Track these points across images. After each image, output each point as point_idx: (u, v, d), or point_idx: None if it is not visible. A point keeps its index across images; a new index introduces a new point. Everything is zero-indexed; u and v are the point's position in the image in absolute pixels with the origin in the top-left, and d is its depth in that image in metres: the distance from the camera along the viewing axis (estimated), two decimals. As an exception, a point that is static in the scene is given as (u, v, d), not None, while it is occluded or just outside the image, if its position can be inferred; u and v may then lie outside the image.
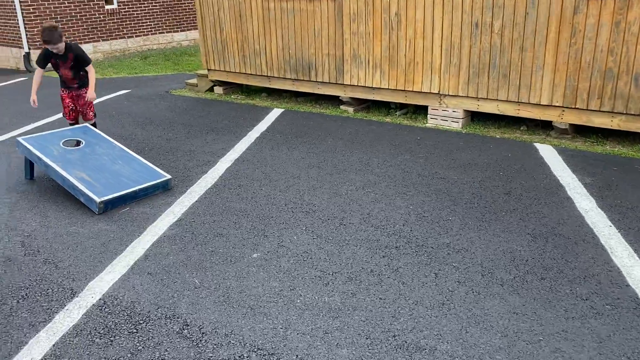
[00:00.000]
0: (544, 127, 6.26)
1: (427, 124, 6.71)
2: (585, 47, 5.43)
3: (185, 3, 15.24)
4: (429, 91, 6.63)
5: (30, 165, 5.19)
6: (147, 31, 14.55)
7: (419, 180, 4.81)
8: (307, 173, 5.12)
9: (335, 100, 7.96)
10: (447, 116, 6.58)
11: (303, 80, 7.80)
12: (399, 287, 3.20)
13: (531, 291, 3.10)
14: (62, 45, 5.31)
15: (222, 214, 4.31)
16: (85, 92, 5.65)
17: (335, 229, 3.98)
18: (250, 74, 8.40)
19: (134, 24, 14.21)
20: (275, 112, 7.54)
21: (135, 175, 4.80)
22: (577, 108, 5.66)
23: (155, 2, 14.54)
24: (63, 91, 5.63)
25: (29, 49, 12.53)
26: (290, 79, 7.94)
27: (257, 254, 3.66)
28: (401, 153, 5.57)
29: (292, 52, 7.72)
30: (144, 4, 14.31)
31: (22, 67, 12.85)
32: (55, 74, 5.61)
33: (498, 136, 6.09)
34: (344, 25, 7.08)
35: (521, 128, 6.35)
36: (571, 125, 5.84)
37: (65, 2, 12.75)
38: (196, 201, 4.58)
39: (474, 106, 6.37)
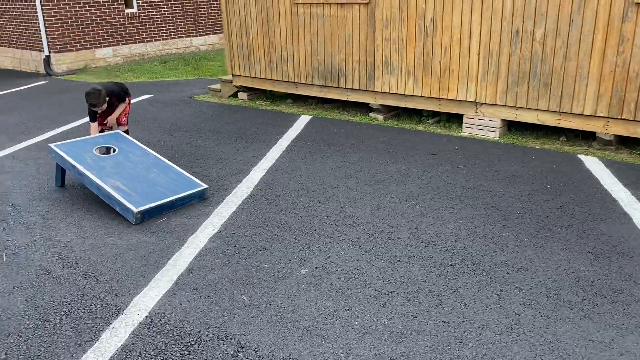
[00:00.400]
0: (585, 137, 6.07)
1: (462, 133, 6.54)
2: (634, 56, 5.24)
3: (204, 8, 15.17)
4: (464, 99, 6.46)
5: (61, 172, 5.07)
6: (166, 35, 14.49)
7: (464, 193, 4.64)
8: (345, 183, 4.97)
9: (363, 108, 7.81)
10: (483, 125, 6.41)
11: (331, 87, 7.65)
12: (461, 309, 3.03)
13: (604, 316, 2.92)
14: (105, 106, 5.30)
15: (262, 226, 4.15)
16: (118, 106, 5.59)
17: (383, 244, 3.81)
18: (277, 80, 8.26)
19: (153, 28, 14.15)
20: (304, 119, 7.40)
21: (171, 184, 4.67)
22: (624, 119, 5.48)
23: (174, 7, 14.48)
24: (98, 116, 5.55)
25: (50, 52, 12.48)
26: (318, 85, 7.80)
27: (305, 270, 3.51)
28: (441, 163, 5.40)
29: (321, 58, 7.58)
30: (164, 8, 14.25)
31: (41, 70, 12.80)
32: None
33: (538, 147, 5.90)
34: (376, 31, 6.94)
35: (560, 138, 6.17)
36: (615, 136, 5.65)
37: (86, 5, 12.70)
38: (234, 212, 4.44)
39: (512, 115, 6.19)
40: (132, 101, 8.93)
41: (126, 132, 5.71)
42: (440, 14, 6.34)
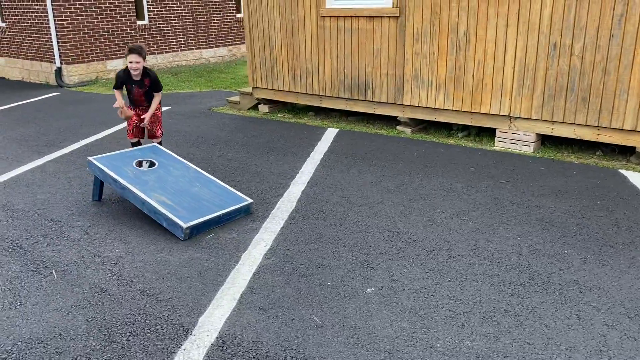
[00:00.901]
0: (622, 152, 6.03)
1: (494, 147, 6.49)
2: (677, 71, 5.22)
3: (214, 20, 15.15)
4: (498, 113, 6.41)
5: (100, 186, 4.96)
6: (176, 47, 14.44)
7: (514, 208, 4.57)
8: (390, 198, 4.89)
9: (389, 121, 7.76)
10: (517, 139, 6.36)
11: (358, 100, 7.60)
12: (543, 330, 2.94)
13: (693, 337, 2.84)
14: (142, 65, 5.17)
15: (315, 242, 4.06)
16: (158, 110, 5.50)
17: (445, 261, 3.73)
18: (300, 93, 8.21)
19: (164, 39, 14.10)
20: (331, 132, 7.33)
21: (216, 199, 4.57)
22: (665, 134, 5.45)
23: (185, 19, 14.45)
24: (130, 108, 5.45)
25: (61, 63, 12.39)
26: (343, 98, 7.74)
27: (371, 289, 3.41)
28: (482, 178, 5.34)
29: (348, 71, 7.54)
30: (174, 20, 14.21)
31: (52, 81, 12.70)
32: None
33: (576, 161, 5.86)
34: (406, 45, 6.90)
35: (597, 153, 6.12)
36: (656, 151, 5.62)
37: (99, 17, 12.65)
38: (283, 227, 4.34)
39: (547, 130, 6.15)
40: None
41: (160, 143, 5.62)
42: (474, 27, 6.31)
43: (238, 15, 15.86)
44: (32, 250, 4.06)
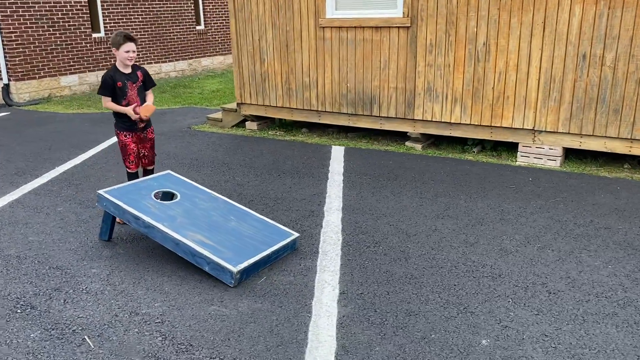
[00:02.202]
0: (649, 164, 5.88)
1: (517, 162, 6.18)
2: None
3: (173, 32, 14.33)
4: (521, 127, 6.12)
5: (111, 223, 4.22)
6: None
7: (584, 231, 4.22)
8: (443, 224, 4.43)
9: (394, 136, 7.35)
10: (542, 154, 6.08)
11: (362, 115, 7.14)
12: None
13: None
14: (135, 53, 4.48)
15: (388, 282, 3.53)
16: (152, 133, 4.77)
17: (547, 299, 3.29)
18: (296, 109, 7.66)
19: (121, 53, 13.13)
20: (337, 150, 6.82)
21: (259, 234, 3.95)
22: (703, 145, 5.30)
23: (143, 31, 13.57)
24: (125, 135, 4.65)
25: (9, 80, 11.24)
26: (345, 114, 7.26)
27: (486, 340, 2.92)
28: (528, 198, 4.98)
29: (351, 85, 7.07)
30: (132, 32, 13.29)
31: (-1, 100, 11.49)
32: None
33: (609, 175, 5.63)
34: (417, 56, 6.51)
35: (625, 166, 5.93)
36: (693, 163, 5.46)
37: (51, 29, 11.60)
38: (342, 265, 3.79)
39: (575, 143, 5.91)
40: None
41: (153, 170, 4.91)
42: (495, 38, 6.00)
43: (198, 27, 15.12)
44: (48, 310, 3.31)
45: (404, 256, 3.90)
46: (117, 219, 4.35)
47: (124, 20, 13.04)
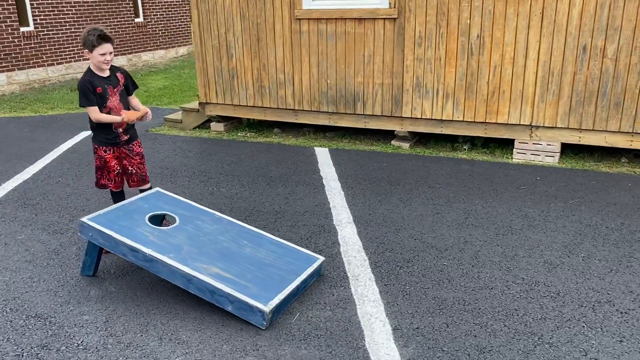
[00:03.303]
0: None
1: (513, 160, 5.93)
2: None
3: (110, 26, 13.24)
4: (517, 123, 5.86)
5: (98, 256, 3.53)
6: (69, 58, 12.37)
7: (621, 236, 3.96)
8: (471, 235, 4.05)
9: (377, 135, 6.94)
10: (539, 150, 5.85)
11: (344, 114, 6.66)
12: None
13: None
14: (111, 56, 3.78)
15: (442, 312, 3.10)
16: (139, 147, 4.07)
17: (622, 321, 2.97)
18: (269, 108, 7.07)
19: (55, 49, 11.98)
20: (322, 153, 6.32)
21: (280, 261, 3.41)
22: None
23: (78, 25, 12.42)
24: (105, 151, 3.93)
25: None
26: (326, 112, 6.76)
27: (582, 377, 2.54)
28: (545, 199, 4.71)
29: (332, 81, 6.57)
30: (66, 26, 12.15)
31: None
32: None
33: (610, 171, 5.47)
34: (405, 49, 6.11)
35: (622, 160, 5.80)
36: (694, 156, 5.39)
37: (-27, 22, 10.33)
38: (382, 292, 3.32)
39: (574, 138, 5.71)
40: (75, 140, 7.18)
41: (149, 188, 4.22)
42: (490, 29, 5.69)
43: (137, 20, 14.07)
44: (40, 378, 2.63)
45: (445, 277, 3.48)
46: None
47: (56, 12, 11.86)
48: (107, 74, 3.83)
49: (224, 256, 3.34)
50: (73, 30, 12.30)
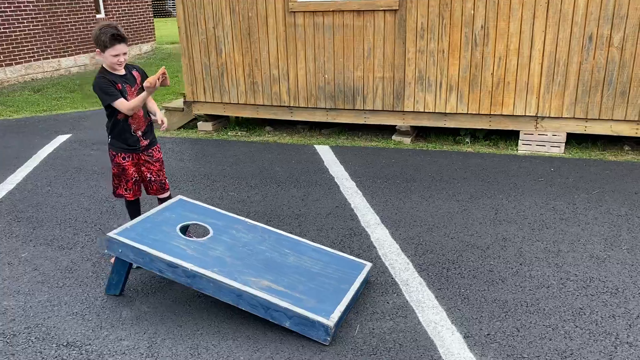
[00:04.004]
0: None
1: (519, 151, 5.89)
2: None
3: (71, 22, 12.58)
4: (522, 114, 5.82)
5: (126, 273, 3.23)
6: (29, 57, 11.68)
7: (656, 226, 3.94)
8: (507, 231, 3.95)
9: (376, 130, 6.79)
10: (544, 141, 5.83)
11: (343, 109, 6.48)
12: None
13: None
14: (125, 55, 3.46)
15: (509, 315, 2.97)
16: (159, 152, 3.77)
17: (690, 314, 2.91)
18: (263, 105, 6.81)
19: (12, 48, 11.28)
20: (324, 150, 6.12)
21: (328, 269, 3.20)
22: None
23: (37, 21, 11.73)
24: (124, 158, 3.61)
25: None
26: (323, 108, 6.55)
27: (675, 378, 2.46)
28: (568, 191, 4.66)
29: (330, 76, 6.37)
30: (24, 23, 11.44)
31: None
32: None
33: (617, 159, 5.50)
34: (407, 42, 5.97)
35: (625, 148, 5.85)
36: (698, 142, 5.47)
37: None
38: (438, 297, 3.16)
39: (580, 128, 5.71)
40: (53, 145, 6.73)
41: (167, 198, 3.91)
42: (494, 20, 5.61)
43: (98, 16, 13.43)
44: (94, 417, 2.35)
45: (496, 277, 3.36)
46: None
47: (12, 8, 11.15)
48: (122, 72, 3.51)
49: (270, 267, 3.10)
50: (31, 27, 11.61)
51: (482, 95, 5.88)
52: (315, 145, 6.35)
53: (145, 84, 3.27)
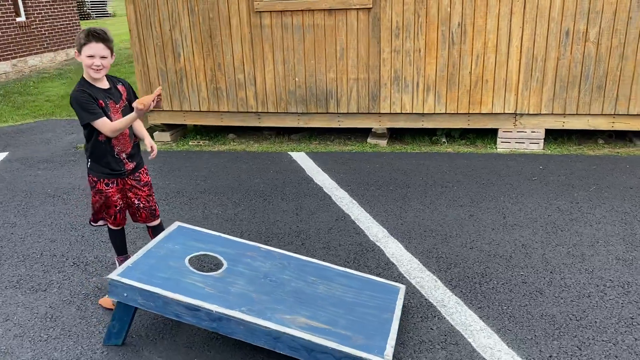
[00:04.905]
0: (618, 137, 5.94)
1: (498, 149, 5.82)
2: (701, 52, 5.20)
3: (-11, 26, 11.45)
4: (501, 112, 5.74)
5: (130, 319, 2.76)
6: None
7: (665, 222, 3.92)
8: (522, 236, 3.79)
9: (347, 134, 6.52)
10: (523, 138, 5.78)
11: (315, 113, 6.16)
12: None
13: None
14: (110, 59, 2.96)
15: (563, 332, 2.78)
16: (147, 175, 3.30)
17: None
18: (227, 112, 6.37)
19: None
20: (301, 158, 5.78)
21: (363, 296, 2.88)
22: (683, 115, 5.43)
23: (-51, 26, 10.56)
24: (107, 184, 3.09)
25: None
26: (294, 113, 6.21)
27: None
28: (565, 189, 4.59)
29: (301, 79, 6.03)
30: None
31: None
32: None
33: (595, 153, 5.54)
34: (381, 41, 5.73)
35: (599, 142, 5.91)
36: (671, 133, 5.60)
37: None
38: (483, 317, 2.93)
39: (558, 124, 5.70)
40: None
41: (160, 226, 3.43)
42: (471, 17, 5.48)
43: (19, 20, 12.32)
44: None
45: (532, 288, 3.17)
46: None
47: None
48: (105, 85, 3.02)
49: (302, 300, 2.74)
50: (-56, 33, 10.43)
51: (461, 94, 5.74)
52: (289, 153, 5.99)
53: (136, 104, 2.78)
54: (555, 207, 4.26)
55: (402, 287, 3.03)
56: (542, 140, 5.75)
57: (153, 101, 2.80)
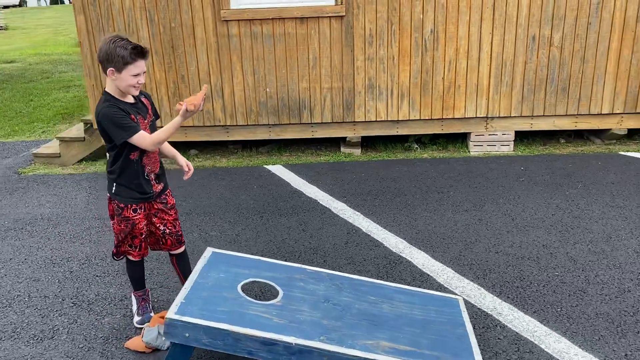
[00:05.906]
0: (577, 136, 6.27)
1: (471, 153, 5.94)
2: (653, 53, 5.59)
3: None
4: (474, 116, 5.86)
5: (187, 363, 2.45)
6: None
7: (660, 214, 4.14)
8: (538, 237, 3.85)
9: (318, 143, 6.38)
10: (494, 140, 5.94)
11: (288, 124, 5.97)
12: None
13: None
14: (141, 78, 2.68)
15: (630, 330, 2.81)
16: (172, 197, 3.00)
17: None
18: (192, 127, 6.01)
19: None
20: (281, 171, 5.56)
21: (432, 313, 2.76)
22: (638, 113, 5.81)
23: None
24: (135, 210, 2.79)
25: None
26: (265, 125, 5.97)
27: None
28: (556, 189, 4.74)
29: (272, 90, 5.82)
30: None
31: None
32: None
33: (562, 152, 5.80)
34: (355, 49, 5.67)
35: (561, 141, 6.20)
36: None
37: None
38: (543, 322, 2.90)
39: (526, 125, 5.92)
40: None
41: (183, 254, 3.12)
42: (443, 24, 5.56)
43: None
44: None
45: (574, 288, 3.20)
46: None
47: None
48: (131, 99, 2.69)
49: (374, 322, 2.57)
50: None
51: (434, 100, 5.80)
52: (265, 166, 5.74)
53: (187, 105, 2.51)
54: (555, 205, 4.37)
55: (460, 299, 2.94)
56: (512, 142, 5.93)
57: (202, 100, 2.53)
